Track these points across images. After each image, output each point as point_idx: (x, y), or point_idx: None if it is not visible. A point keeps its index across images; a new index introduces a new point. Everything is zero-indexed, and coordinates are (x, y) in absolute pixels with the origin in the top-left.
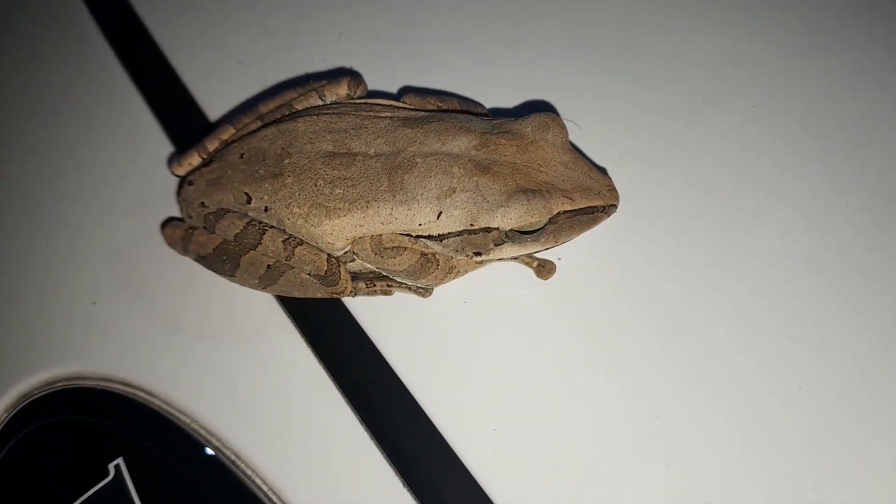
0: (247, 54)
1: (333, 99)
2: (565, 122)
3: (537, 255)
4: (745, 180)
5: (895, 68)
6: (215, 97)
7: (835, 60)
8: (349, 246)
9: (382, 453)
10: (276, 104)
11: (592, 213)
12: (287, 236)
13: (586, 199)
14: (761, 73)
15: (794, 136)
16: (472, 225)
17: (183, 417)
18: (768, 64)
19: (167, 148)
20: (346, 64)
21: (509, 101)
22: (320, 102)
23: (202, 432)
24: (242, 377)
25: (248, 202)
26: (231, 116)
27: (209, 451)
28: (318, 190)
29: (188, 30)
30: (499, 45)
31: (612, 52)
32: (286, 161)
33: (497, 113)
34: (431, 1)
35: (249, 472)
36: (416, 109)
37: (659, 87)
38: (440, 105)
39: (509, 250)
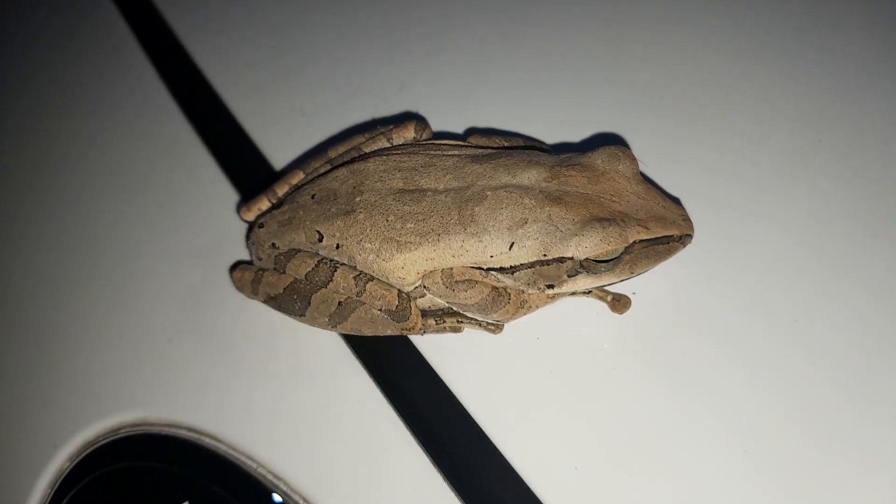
0: (310, 106)
1: (400, 142)
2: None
3: (611, 288)
4: (820, 212)
5: None
6: (280, 148)
7: None
8: (420, 280)
9: (456, 495)
10: (346, 148)
11: (668, 242)
12: (358, 273)
13: (662, 229)
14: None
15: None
16: (545, 255)
17: (249, 462)
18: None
19: (233, 197)
20: (409, 112)
21: (575, 138)
22: (388, 145)
23: (269, 477)
24: (310, 420)
25: (320, 240)
26: (299, 162)
27: (276, 496)
28: (389, 225)
29: (253, 86)
30: (562, 84)
31: (687, 93)
32: (357, 199)
33: (562, 149)
34: (490, 45)
35: None
36: (482, 147)
37: (721, 125)
38: (504, 143)
39: (583, 282)
